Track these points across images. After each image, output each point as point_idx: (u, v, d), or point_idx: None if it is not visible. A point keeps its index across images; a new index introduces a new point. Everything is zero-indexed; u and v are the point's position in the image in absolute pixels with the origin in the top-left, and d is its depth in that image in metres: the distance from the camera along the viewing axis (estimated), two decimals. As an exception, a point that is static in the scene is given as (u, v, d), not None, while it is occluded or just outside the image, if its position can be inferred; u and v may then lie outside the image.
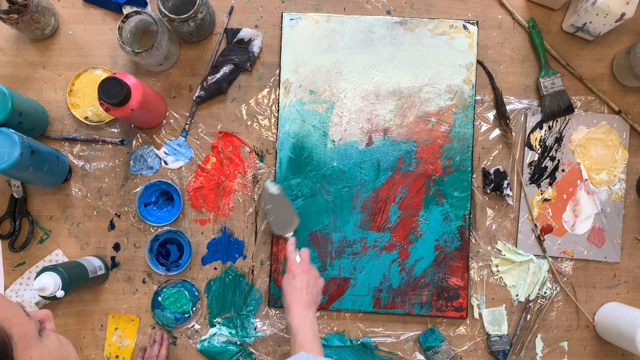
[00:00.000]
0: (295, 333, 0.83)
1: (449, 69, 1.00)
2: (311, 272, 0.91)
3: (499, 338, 0.99)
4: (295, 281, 0.88)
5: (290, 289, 0.88)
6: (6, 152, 0.84)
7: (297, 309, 0.85)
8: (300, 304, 0.86)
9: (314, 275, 0.91)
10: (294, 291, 0.87)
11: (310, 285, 0.89)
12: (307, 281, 0.88)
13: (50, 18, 0.99)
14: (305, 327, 0.83)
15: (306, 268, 0.90)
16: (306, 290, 0.87)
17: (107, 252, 1.01)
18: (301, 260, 0.92)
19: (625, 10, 0.90)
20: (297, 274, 0.89)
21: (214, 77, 1.00)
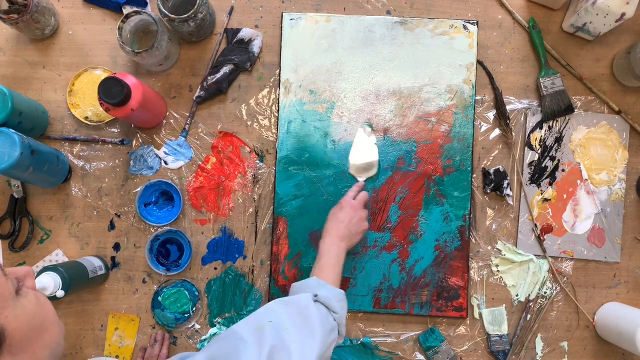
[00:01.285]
0: (320, 257, 0.85)
1: (449, 69, 1.00)
2: (358, 211, 0.91)
3: (499, 338, 0.99)
4: (340, 213, 0.89)
5: (333, 218, 0.89)
6: (6, 152, 0.84)
7: (331, 237, 0.87)
8: (335, 233, 0.87)
9: (360, 216, 0.91)
10: (335, 221, 0.89)
11: (353, 222, 0.89)
12: (351, 217, 0.89)
13: (50, 18, 0.99)
14: (331, 254, 0.85)
15: (356, 205, 0.91)
16: (346, 224, 0.88)
17: (107, 252, 1.01)
18: (355, 199, 0.92)
19: (625, 10, 0.90)
20: (344, 206, 0.90)
21: (214, 77, 1.00)
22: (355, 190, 0.95)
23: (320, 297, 0.77)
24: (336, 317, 0.77)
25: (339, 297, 0.79)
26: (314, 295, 0.76)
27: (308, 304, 0.74)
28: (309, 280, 0.80)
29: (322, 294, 0.77)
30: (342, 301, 0.79)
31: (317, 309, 0.74)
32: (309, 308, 0.73)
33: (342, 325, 0.78)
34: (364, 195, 0.94)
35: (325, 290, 0.78)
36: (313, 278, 0.80)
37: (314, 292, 0.77)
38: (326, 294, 0.77)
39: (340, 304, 0.79)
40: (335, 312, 0.77)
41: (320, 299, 0.77)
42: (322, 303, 0.76)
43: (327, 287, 0.79)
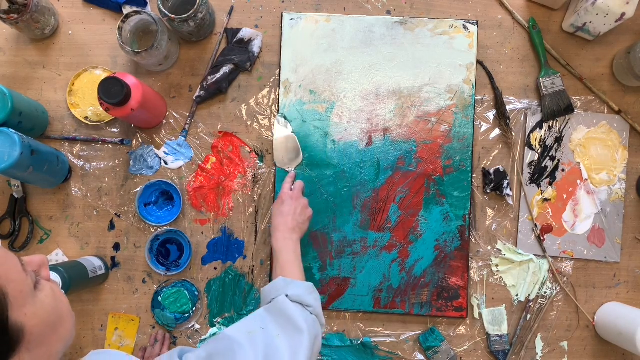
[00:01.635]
0: (277, 255, 0.85)
1: (449, 69, 1.00)
2: (300, 200, 0.92)
3: (499, 338, 0.99)
4: (283, 207, 0.90)
5: (278, 213, 0.90)
6: (6, 152, 0.84)
7: (281, 233, 0.87)
8: (284, 227, 0.88)
9: (303, 204, 0.91)
10: (281, 215, 0.89)
11: (297, 212, 0.90)
12: (295, 208, 0.90)
13: (50, 18, 0.99)
14: (288, 250, 0.85)
15: (295, 196, 0.92)
16: (292, 216, 0.89)
17: (107, 252, 1.01)
18: (293, 189, 0.93)
19: (625, 10, 0.90)
20: (285, 199, 0.91)
21: (214, 77, 1.00)
22: (289, 181, 0.95)
23: (291, 296, 0.77)
24: (312, 310, 0.77)
25: (309, 290, 0.80)
26: (286, 296, 0.77)
27: (287, 305, 0.74)
28: (276, 282, 0.80)
29: (293, 292, 0.78)
30: (313, 293, 0.80)
31: (296, 308, 0.75)
32: (289, 309, 0.74)
33: (320, 316, 0.79)
34: (300, 183, 0.95)
35: (294, 287, 0.79)
36: (279, 278, 0.80)
37: (285, 293, 0.77)
38: (297, 292, 0.78)
39: (313, 295, 0.79)
40: (309, 306, 0.78)
41: (292, 297, 0.77)
42: (295, 301, 0.77)
43: (295, 284, 0.79)
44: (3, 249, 0.49)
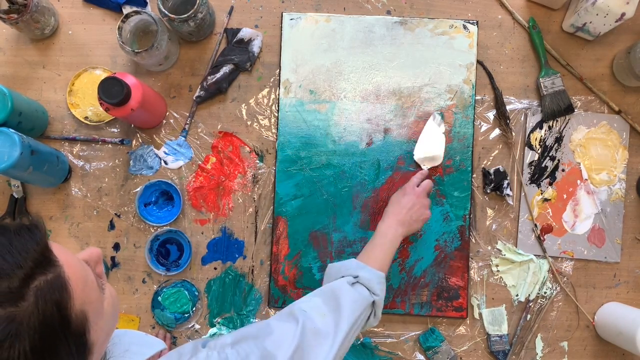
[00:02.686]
0: (374, 237, 0.85)
1: (449, 69, 1.00)
2: (421, 198, 0.90)
3: (499, 338, 0.99)
4: (403, 199, 0.89)
5: (396, 202, 0.89)
6: (6, 152, 0.84)
7: (390, 220, 0.87)
8: (394, 217, 0.87)
9: (424, 203, 0.90)
10: (397, 205, 0.88)
11: (415, 209, 0.89)
12: (413, 203, 0.89)
13: (50, 18, 0.99)
14: (387, 237, 0.85)
15: (419, 193, 0.91)
16: (408, 210, 0.88)
17: (107, 252, 1.01)
18: (419, 187, 0.92)
19: (625, 10, 0.90)
20: (408, 193, 0.90)
21: (214, 77, 1.00)
22: (420, 177, 0.94)
23: (361, 278, 0.77)
24: (376, 299, 0.78)
25: (379, 279, 0.79)
26: (354, 277, 0.77)
27: (342, 287, 0.75)
28: (348, 262, 0.81)
29: (363, 275, 0.78)
30: (382, 284, 0.80)
31: (355, 291, 0.75)
32: (342, 289, 0.74)
33: (379, 308, 0.79)
34: (429, 183, 0.93)
35: (365, 272, 0.79)
36: (352, 260, 0.81)
37: (354, 274, 0.78)
38: (367, 276, 0.78)
39: (380, 286, 0.79)
40: (376, 295, 0.78)
41: (361, 280, 0.77)
42: (362, 284, 0.77)
43: (367, 269, 0.79)
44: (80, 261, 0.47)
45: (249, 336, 0.63)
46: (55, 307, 0.41)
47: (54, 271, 0.42)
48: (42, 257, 0.42)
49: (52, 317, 0.41)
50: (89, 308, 0.45)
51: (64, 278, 0.43)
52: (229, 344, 0.61)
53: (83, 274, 0.45)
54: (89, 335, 0.45)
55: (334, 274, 0.81)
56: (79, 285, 0.44)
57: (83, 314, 0.44)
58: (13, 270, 0.40)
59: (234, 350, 0.59)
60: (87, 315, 0.44)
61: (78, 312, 0.43)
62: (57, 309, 0.42)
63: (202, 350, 0.59)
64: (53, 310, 0.41)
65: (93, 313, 0.45)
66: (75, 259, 0.46)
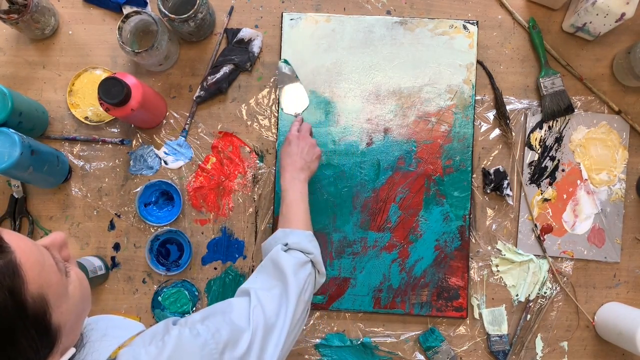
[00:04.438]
0: (284, 195, 0.86)
1: (449, 69, 1.00)
2: (307, 139, 0.92)
3: (499, 338, 0.99)
4: (290, 147, 0.90)
5: (285, 154, 0.90)
6: (6, 152, 0.84)
7: (289, 173, 0.87)
8: (292, 167, 0.88)
9: (310, 143, 0.92)
10: (288, 156, 0.89)
11: (305, 151, 0.90)
12: (302, 148, 0.90)
13: (50, 18, 0.99)
14: (295, 190, 0.86)
15: (302, 136, 0.92)
16: (299, 155, 0.89)
17: (107, 252, 1.01)
18: (300, 130, 0.93)
19: (625, 10, 0.90)
20: (292, 139, 0.91)
21: (214, 77, 1.00)
22: (297, 124, 0.96)
23: (291, 244, 0.79)
24: (312, 257, 0.79)
25: (308, 238, 0.81)
26: (284, 245, 0.79)
27: (278, 254, 0.76)
28: (276, 234, 0.82)
29: (292, 240, 0.79)
30: (312, 241, 0.81)
31: (291, 256, 0.76)
32: (279, 256, 0.76)
33: (319, 264, 0.80)
34: (307, 125, 0.96)
35: (293, 236, 0.80)
36: (279, 230, 0.82)
37: (284, 242, 0.79)
38: (295, 240, 0.79)
39: (312, 243, 0.81)
40: (310, 253, 0.79)
41: (292, 245, 0.79)
42: (295, 249, 0.79)
43: (294, 233, 0.80)
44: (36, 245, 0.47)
45: (216, 312, 0.65)
46: (7, 292, 0.42)
47: (4, 257, 0.43)
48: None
49: (5, 303, 0.42)
50: (48, 291, 0.45)
51: (15, 263, 0.43)
52: (198, 320, 0.63)
53: (39, 258, 0.46)
54: (52, 319, 0.45)
55: (267, 249, 0.82)
56: (34, 269, 0.44)
57: (41, 298, 0.44)
58: None
59: (204, 325, 0.61)
60: (47, 298, 0.45)
61: (35, 296, 0.44)
62: (10, 295, 0.42)
63: (174, 328, 0.60)
64: (5, 297, 0.42)
65: (54, 296, 0.45)
66: (29, 243, 0.46)
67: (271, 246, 0.80)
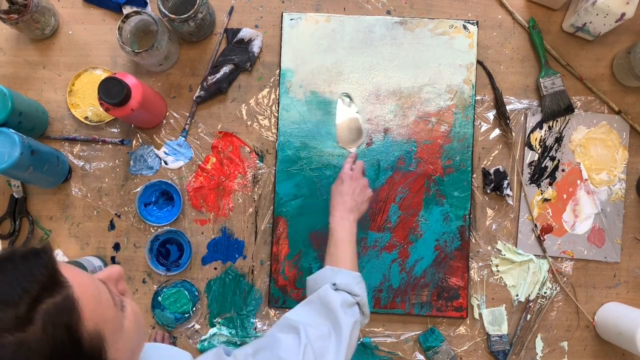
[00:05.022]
0: (332, 233, 0.85)
1: (449, 69, 1.00)
2: (359, 180, 0.91)
3: (499, 338, 0.99)
4: (342, 186, 0.89)
5: (336, 193, 0.89)
6: (6, 152, 0.84)
7: (339, 212, 0.87)
8: (343, 207, 0.87)
9: (362, 184, 0.91)
10: (339, 195, 0.88)
11: (356, 192, 0.89)
12: (354, 188, 0.89)
13: (50, 18, 0.99)
14: (344, 229, 0.85)
15: (355, 175, 0.91)
16: (350, 196, 0.88)
17: (107, 252, 1.01)
18: (353, 169, 0.92)
19: (625, 10, 0.90)
20: (345, 179, 0.90)
21: (214, 77, 1.00)
22: (350, 161, 0.95)
23: (339, 284, 0.77)
24: (359, 300, 0.78)
25: (356, 279, 0.80)
26: (333, 285, 0.77)
27: (327, 292, 0.75)
28: (324, 271, 0.81)
29: (340, 281, 0.78)
30: (360, 283, 0.80)
31: (340, 296, 0.75)
32: (328, 294, 0.75)
33: (365, 306, 0.80)
34: (361, 163, 0.95)
35: (341, 276, 0.79)
36: (327, 268, 0.81)
37: (332, 282, 0.78)
38: (344, 280, 0.78)
39: (359, 285, 0.80)
40: (357, 295, 0.78)
41: (340, 286, 0.77)
42: (342, 290, 0.77)
43: (342, 273, 0.79)
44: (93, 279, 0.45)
45: (265, 347, 0.65)
46: (64, 329, 0.41)
47: (62, 292, 0.42)
48: (50, 280, 0.42)
49: (62, 339, 0.41)
50: (104, 327, 0.44)
51: (72, 299, 0.42)
52: (251, 354, 0.63)
53: (95, 293, 0.44)
54: (107, 355, 0.44)
55: (313, 287, 0.81)
56: (90, 304, 0.43)
57: (97, 334, 0.43)
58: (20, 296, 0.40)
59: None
60: (103, 334, 0.43)
61: (91, 333, 0.42)
62: (67, 331, 0.41)
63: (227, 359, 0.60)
64: (63, 333, 0.41)
65: (110, 332, 0.44)
66: (87, 278, 0.45)
67: (317, 283, 0.79)
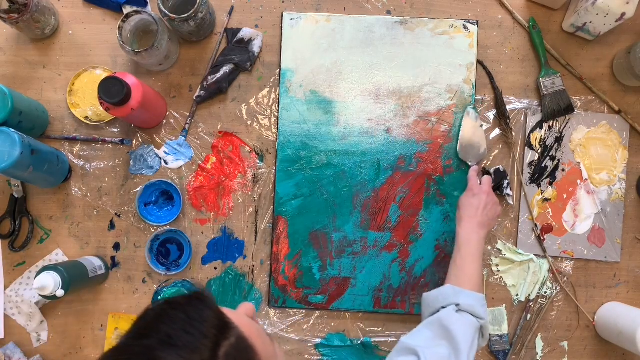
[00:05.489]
0: (460, 246, 0.82)
1: (449, 69, 1.00)
2: (491, 196, 0.89)
3: (499, 338, 0.99)
4: (474, 199, 0.87)
5: (467, 204, 0.87)
6: (6, 151, 0.84)
7: (470, 224, 0.84)
8: (474, 220, 0.84)
9: (494, 200, 0.89)
10: (470, 207, 0.86)
11: (488, 207, 0.87)
12: (486, 203, 0.87)
13: (51, 18, 0.99)
14: (472, 243, 0.82)
15: (487, 190, 0.89)
16: (482, 210, 0.86)
17: (107, 252, 1.01)
18: (483, 183, 0.90)
19: (625, 10, 0.90)
20: (477, 193, 0.88)
21: (214, 77, 1.00)
22: (474, 175, 0.92)
23: (462, 305, 0.75)
24: (483, 323, 0.75)
25: (481, 301, 0.77)
26: (456, 305, 0.74)
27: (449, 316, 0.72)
28: (445, 290, 0.77)
29: (464, 302, 0.75)
30: (484, 305, 0.78)
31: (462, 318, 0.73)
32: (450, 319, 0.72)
33: (486, 329, 0.77)
34: (489, 178, 0.92)
35: (465, 297, 0.76)
36: (448, 286, 0.77)
37: (454, 302, 0.75)
38: (468, 302, 0.75)
39: (484, 308, 0.77)
40: (482, 318, 0.75)
41: (463, 307, 0.75)
42: (466, 311, 0.75)
43: (465, 294, 0.76)
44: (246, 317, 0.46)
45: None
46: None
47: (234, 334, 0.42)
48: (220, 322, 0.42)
49: None
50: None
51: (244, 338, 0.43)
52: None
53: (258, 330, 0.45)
54: None
55: (432, 304, 0.78)
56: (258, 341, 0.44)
57: None
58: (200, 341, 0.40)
59: None
60: None
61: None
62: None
63: None
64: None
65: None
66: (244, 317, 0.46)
67: (437, 302, 0.76)
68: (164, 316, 0.42)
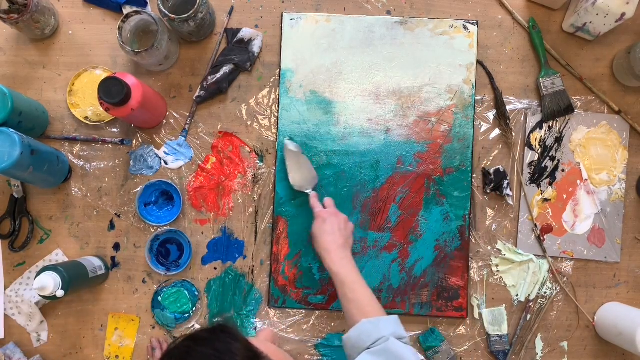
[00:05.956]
0: (342, 278, 0.81)
1: (449, 69, 1.00)
2: (339, 215, 0.89)
3: (499, 338, 0.99)
4: (326, 225, 0.87)
5: (322, 232, 0.87)
6: (6, 151, 0.84)
7: (336, 253, 0.84)
8: (336, 245, 0.84)
9: (343, 219, 0.89)
10: (327, 234, 0.86)
11: (342, 227, 0.87)
12: (338, 224, 0.87)
13: (50, 18, 0.99)
14: (349, 270, 0.82)
15: (333, 212, 0.89)
16: (339, 232, 0.86)
17: (107, 252, 1.01)
18: (327, 206, 0.91)
19: (625, 10, 0.90)
20: (326, 217, 0.88)
21: (214, 77, 1.00)
22: (316, 201, 0.93)
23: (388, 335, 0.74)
24: (406, 341, 0.75)
25: (397, 322, 0.77)
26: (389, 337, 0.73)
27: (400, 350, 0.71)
28: (362, 326, 0.75)
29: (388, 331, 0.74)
30: (400, 324, 0.78)
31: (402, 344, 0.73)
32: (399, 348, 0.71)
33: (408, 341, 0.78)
34: (331, 200, 0.94)
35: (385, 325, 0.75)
36: (364, 322, 0.75)
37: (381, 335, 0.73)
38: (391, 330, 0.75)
39: (402, 326, 0.77)
40: (403, 338, 0.75)
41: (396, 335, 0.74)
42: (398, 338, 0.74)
43: (382, 322, 0.75)
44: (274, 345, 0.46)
45: None
46: None
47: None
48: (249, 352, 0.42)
49: None
50: None
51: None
52: None
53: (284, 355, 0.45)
54: None
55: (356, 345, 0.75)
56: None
57: None
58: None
59: None
60: None
61: None
62: None
63: None
64: None
65: None
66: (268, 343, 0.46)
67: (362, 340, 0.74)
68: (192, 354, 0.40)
